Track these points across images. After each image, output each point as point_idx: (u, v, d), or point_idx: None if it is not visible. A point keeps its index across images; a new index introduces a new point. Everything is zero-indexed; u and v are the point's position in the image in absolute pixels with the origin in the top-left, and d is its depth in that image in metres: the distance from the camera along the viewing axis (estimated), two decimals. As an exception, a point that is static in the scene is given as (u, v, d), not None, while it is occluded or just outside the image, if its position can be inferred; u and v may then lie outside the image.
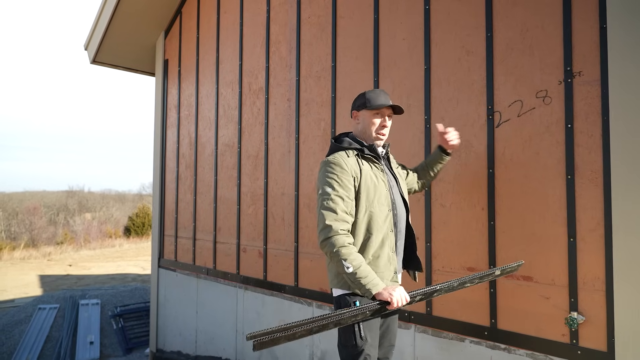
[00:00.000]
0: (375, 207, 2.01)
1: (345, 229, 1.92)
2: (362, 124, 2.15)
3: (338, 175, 1.96)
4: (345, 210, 1.93)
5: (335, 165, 1.99)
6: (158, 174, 5.44)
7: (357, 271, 1.85)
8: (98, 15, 5.08)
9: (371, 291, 1.84)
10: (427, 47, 2.84)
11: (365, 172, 2.03)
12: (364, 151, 2.09)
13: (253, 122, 4.11)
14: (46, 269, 14.93)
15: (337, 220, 1.91)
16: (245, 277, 4.09)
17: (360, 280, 1.85)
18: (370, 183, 2.02)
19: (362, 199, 1.99)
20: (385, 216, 2.04)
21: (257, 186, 4.02)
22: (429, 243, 2.76)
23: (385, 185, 2.09)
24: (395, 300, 1.81)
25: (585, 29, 2.22)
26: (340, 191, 1.94)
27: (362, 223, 1.99)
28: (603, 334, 2.10)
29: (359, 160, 2.05)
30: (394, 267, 2.07)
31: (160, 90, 5.48)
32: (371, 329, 1.97)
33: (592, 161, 2.17)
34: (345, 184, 1.96)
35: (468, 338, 2.57)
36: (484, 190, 2.54)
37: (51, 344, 6.63)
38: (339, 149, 2.10)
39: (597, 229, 2.14)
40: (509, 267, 2.15)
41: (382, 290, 1.84)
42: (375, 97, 2.12)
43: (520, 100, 2.43)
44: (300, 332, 1.64)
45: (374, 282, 1.86)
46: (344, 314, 1.74)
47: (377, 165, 2.12)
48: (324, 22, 3.51)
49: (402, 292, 1.84)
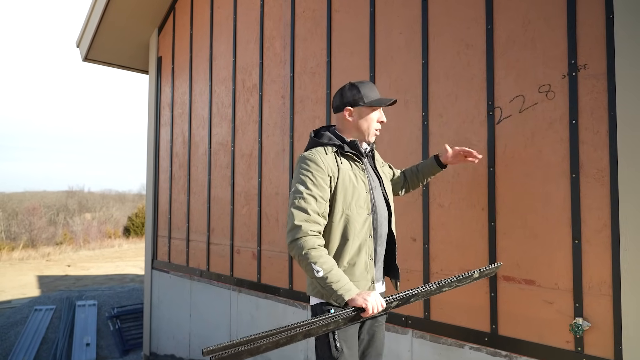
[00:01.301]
0: (353, 211, 1.85)
1: (316, 231, 1.76)
2: (358, 121, 1.97)
3: (313, 173, 1.80)
4: (317, 211, 1.77)
5: (311, 162, 1.82)
6: (151, 174, 5.34)
7: (328, 275, 1.68)
8: (90, 11, 4.98)
9: (343, 297, 1.67)
10: (424, 41, 2.73)
11: (343, 172, 1.86)
12: (344, 148, 1.92)
13: (247, 120, 4.00)
14: (45, 270, 14.85)
15: (307, 220, 1.74)
16: (239, 280, 3.98)
17: (331, 285, 1.68)
18: (348, 183, 1.86)
19: (338, 201, 1.83)
20: (363, 220, 1.88)
21: (251, 186, 3.91)
22: (427, 245, 2.65)
23: (365, 187, 1.92)
24: (370, 306, 1.64)
25: (591, 19, 2.10)
26: (314, 190, 1.78)
27: (337, 227, 1.84)
28: (610, 341, 1.99)
29: (337, 158, 1.88)
30: (372, 276, 1.90)
31: (153, 89, 5.37)
32: (347, 339, 1.83)
33: (597, 159, 2.06)
34: (320, 182, 1.80)
35: (468, 344, 2.46)
36: (484, 189, 2.43)
37: (47, 346, 6.57)
38: (318, 144, 1.93)
39: (604, 231, 2.03)
40: (487, 269, 2.02)
41: (356, 296, 1.67)
42: (370, 91, 1.96)
43: (522, 95, 2.31)
44: (266, 345, 1.45)
45: (346, 287, 1.69)
46: (313, 324, 1.56)
47: (358, 163, 1.95)
48: (318, 16, 3.40)
49: (377, 298, 1.68)
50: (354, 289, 1.70)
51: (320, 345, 1.85)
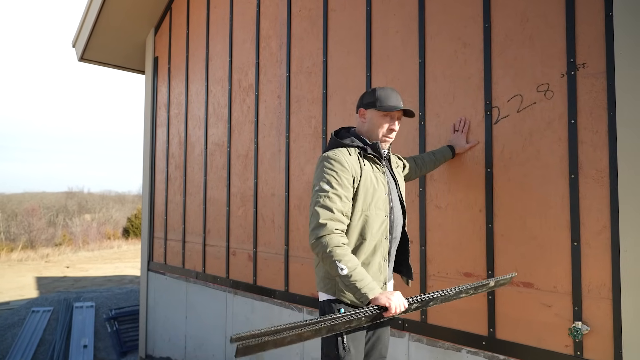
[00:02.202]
0: (372, 212, 1.87)
1: (341, 229, 1.77)
2: (369, 123, 1.99)
3: (338, 172, 1.81)
4: (342, 210, 1.78)
5: (335, 161, 1.84)
6: (147, 175, 5.30)
7: (353, 273, 1.68)
8: (85, 11, 4.94)
9: (367, 295, 1.67)
10: (421, 40, 2.69)
11: (365, 173, 1.88)
12: (367, 150, 1.94)
13: (243, 121, 3.96)
14: (43, 271, 14.81)
15: (332, 219, 1.75)
16: (234, 281, 3.94)
17: (355, 283, 1.68)
18: (369, 185, 1.88)
19: (359, 202, 1.85)
20: (381, 222, 1.90)
21: (247, 187, 3.87)
22: (424, 247, 2.61)
23: (384, 189, 1.95)
24: (394, 305, 1.63)
25: (590, 17, 2.06)
26: (339, 190, 1.79)
27: (355, 227, 1.85)
28: (610, 346, 1.95)
29: (360, 160, 1.91)
30: (384, 277, 1.93)
31: (150, 89, 5.33)
32: (355, 338, 1.83)
33: (597, 159, 2.02)
34: (345, 182, 1.81)
35: (465, 348, 2.41)
36: (482, 190, 2.38)
37: (44, 348, 6.53)
38: (340, 144, 1.94)
39: (603, 232, 1.99)
40: (502, 279, 2.00)
41: (380, 295, 1.66)
42: (386, 97, 1.96)
43: (520, 94, 2.27)
44: (291, 337, 1.45)
45: (370, 285, 1.69)
46: (338, 319, 1.56)
47: (379, 166, 1.98)
48: (314, 15, 3.36)
49: (400, 298, 1.67)
50: (377, 288, 1.71)
51: (327, 345, 1.85)
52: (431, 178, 2.61)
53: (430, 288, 2.58)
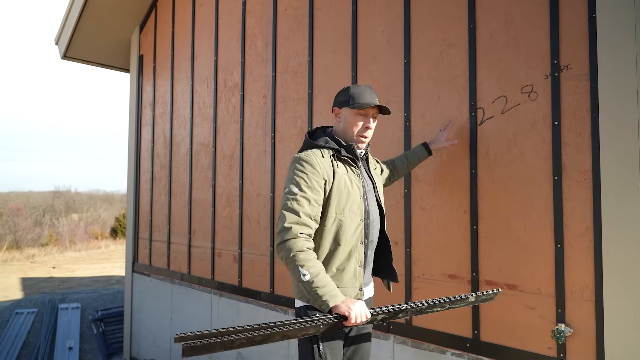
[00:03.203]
0: (346, 216, 1.81)
1: (306, 234, 1.72)
2: (344, 123, 1.92)
3: (308, 175, 1.76)
4: (309, 214, 1.73)
5: (307, 163, 1.78)
6: (132, 175, 5.23)
7: (315, 279, 1.63)
8: (69, 7, 4.85)
9: (328, 303, 1.61)
10: (407, 40, 2.67)
11: (339, 176, 1.82)
12: (341, 152, 1.87)
13: (228, 120, 3.91)
14: (29, 272, 14.59)
15: (298, 223, 1.70)
16: (220, 283, 3.89)
17: (317, 290, 1.62)
18: (343, 188, 1.82)
19: (332, 206, 1.79)
20: (356, 226, 1.84)
21: (233, 187, 3.82)
22: (409, 248, 2.59)
23: (359, 192, 1.87)
24: (353, 315, 1.57)
25: (574, 18, 2.06)
26: (308, 193, 1.74)
27: (329, 232, 1.79)
28: (592, 348, 1.94)
29: (334, 162, 1.84)
30: (360, 283, 1.85)
31: (135, 87, 5.25)
32: (332, 346, 1.78)
33: (580, 161, 2.01)
34: (314, 185, 1.75)
35: (449, 350, 2.40)
36: (467, 192, 2.37)
37: (28, 350, 6.43)
38: (314, 146, 1.89)
39: (586, 234, 1.98)
40: (485, 295, 1.91)
41: (341, 303, 1.60)
42: (359, 94, 1.88)
43: (505, 95, 2.26)
44: (240, 341, 1.40)
45: (331, 293, 1.63)
46: (293, 325, 1.51)
47: (354, 168, 1.91)
48: (300, 14, 3.32)
49: (362, 308, 1.61)
50: (340, 296, 1.64)
51: (303, 352, 1.80)
52: (416, 179, 2.59)
53: (415, 290, 2.56)
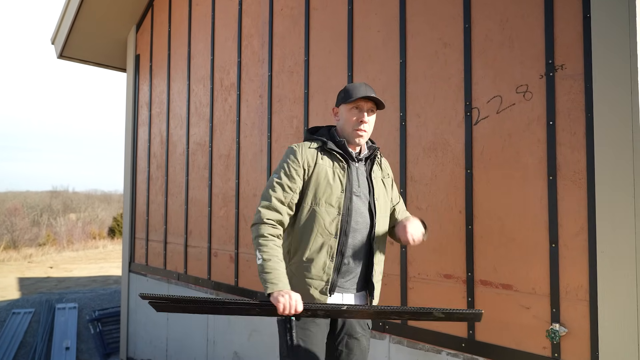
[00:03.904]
0: (322, 207, 1.82)
1: (274, 219, 1.79)
2: (341, 120, 1.94)
3: (288, 163, 1.85)
4: (281, 199, 1.81)
5: (290, 153, 1.88)
6: (129, 175, 5.22)
7: (265, 265, 1.69)
8: (65, 7, 4.84)
9: (267, 289, 1.66)
10: (402, 40, 2.67)
11: (320, 167, 1.85)
12: (327, 144, 1.89)
13: (225, 120, 3.91)
14: (26, 272, 14.55)
15: (267, 208, 1.79)
16: (216, 283, 3.89)
17: (263, 275, 1.68)
18: (322, 180, 1.84)
19: (308, 195, 1.84)
20: (331, 219, 1.82)
21: (229, 187, 3.82)
22: (404, 248, 2.59)
23: (341, 187, 1.85)
24: (281, 305, 1.60)
25: (568, 18, 2.06)
26: (283, 179, 1.83)
27: (303, 220, 1.84)
28: (586, 348, 1.95)
29: (319, 154, 1.88)
30: (329, 278, 1.81)
31: (131, 87, 5.25)
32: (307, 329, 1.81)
33: (575, 161, 2.01)
34: (292, 173, 1.83)
35: (445, 350, 2.40)
36: (462, 192, 2.37)
37: (25, 350, 6.43)
38: (307, 138, 1.98)
39: (581, 234, 1.98)
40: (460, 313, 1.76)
41: (276, 292, 1.64)
42: (353, 89, 1.89)
43: (500, 95, 2.26)
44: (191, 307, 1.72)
45: (274, 280, 1.66)
46: (236, 304, 1.67)
47: (341, 163, 1.88)
48: (297, 14, 3.32)
49: (292, 301, 1.62)
50: (281, 285, 1.67)
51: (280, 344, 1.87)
52: (412, 179, 2.59)
53: (411, 290, 2.56)
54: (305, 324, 1.83)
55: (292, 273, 1.85)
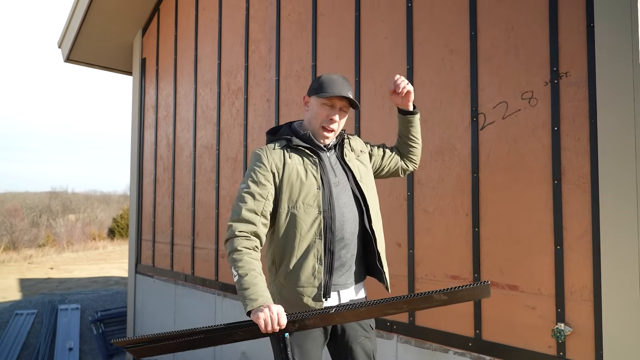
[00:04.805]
0: (300, 209, 1.69)
1: (247, 231, 1.63)
2: (310, 112, 1.81)
3: (255, 169, 1.71)
4: (253, 209, 1.65)
5: (255, 158, 1.75)
6: (135, 177, 5.27)
7: (241, 281, 1.52)
8: (72, 11, 4.89)
9: (246, 306, 1.49)
10: (409, 46, 2.73)
11: (290, 167, 1.72)
12: (292, 141, 1.77)
13: (232, 124, 3.97)
14: (26, 273, 14.55)
15: (238, 220, 1.64)
16: (224, 284, 3.94)
17: (241, 292, 1.51)
18: (295, 180, 1.71)
19: (284, 199, 1.70)
20: (312, 220, 1.68)
21: (236, 189, 3.87)
22: (412, 250, 2.66)
23: (316, 183, 1.72)
24: (262, 323, 1.44)
25: (572, 27, 2.12)
26: (252, 187, 1.68)
27: (283, 227, 1.69)
28: (591, 347, 2.01)
29: (285, 153, 1.75)
30: (320, 282, 1.67)
31: (137, 90, 5.30)
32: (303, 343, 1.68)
33: (579, 165, 2.08)
34: (260, 179, 1.69)
35: (452, 349, 2.47)
36: (468, 195, 2.44)
37: (28, 351, 6.45)
38: (269, 140, 1.85)
39: (585, 236, 2.05)
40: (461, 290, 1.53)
41: (256, 309, 1.47)
42: (329, 83, 1.76)
43: (505, 101, 2.33)
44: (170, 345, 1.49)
45: (252, 296, 1.49)
46: (216, 331, 1.48)
47: (311, 158, 1.76)
48: (304, 19, 3.38)
49: (273, 313, 1.45)
50: (261, 300, 1.50)
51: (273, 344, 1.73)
52: (419, 182, 2.66)
53: (418, 291, 2.63)
54: (299, 339, 1.69)
55: (282, 284, 1.72)
